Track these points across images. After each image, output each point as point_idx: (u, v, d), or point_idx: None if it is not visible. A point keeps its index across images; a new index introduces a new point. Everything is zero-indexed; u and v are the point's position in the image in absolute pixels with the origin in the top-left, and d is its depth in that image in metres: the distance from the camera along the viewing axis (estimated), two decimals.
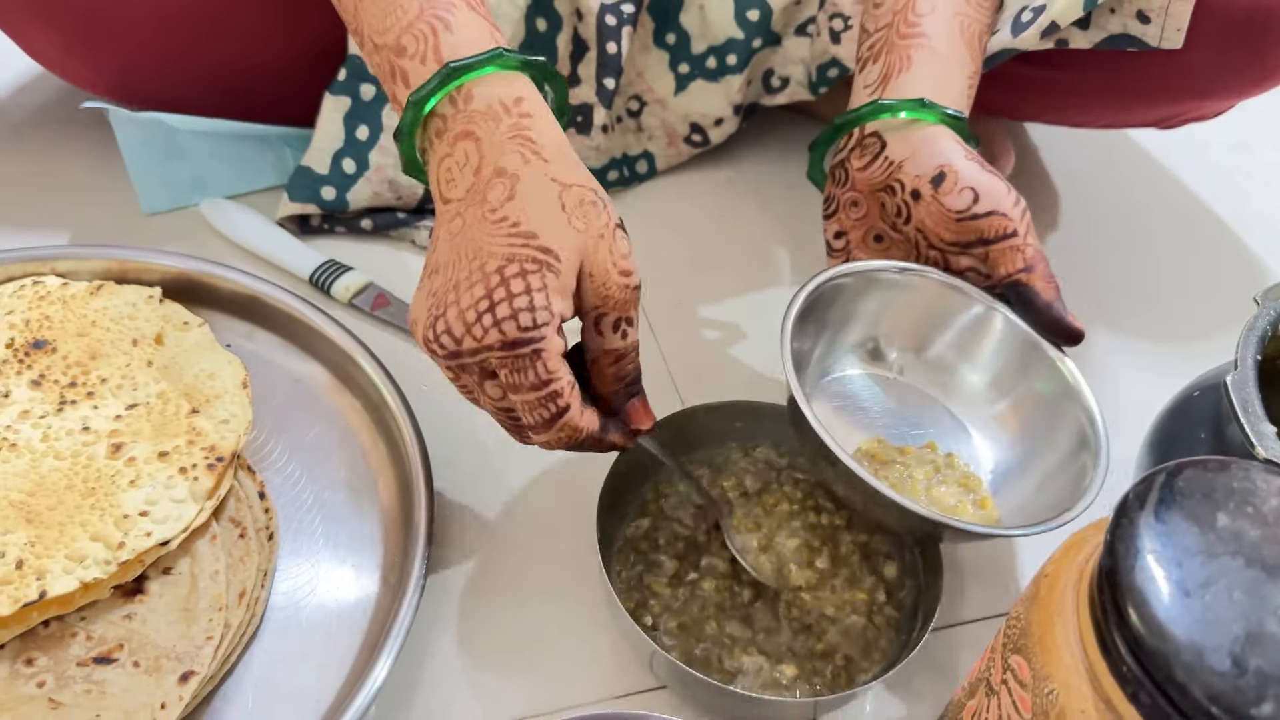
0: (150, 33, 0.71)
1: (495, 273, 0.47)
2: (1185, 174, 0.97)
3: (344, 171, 0.75)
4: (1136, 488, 0.40)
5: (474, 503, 0.64)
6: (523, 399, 0.49)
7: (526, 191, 0.48)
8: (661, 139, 0.86)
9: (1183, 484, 0.39)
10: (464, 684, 0.57)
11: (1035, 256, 0.57)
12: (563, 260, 0.48)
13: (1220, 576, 0.37)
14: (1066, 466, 0.57)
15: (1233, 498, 0.39)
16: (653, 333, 0.76)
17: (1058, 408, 0.59)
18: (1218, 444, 0.57)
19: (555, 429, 0.50)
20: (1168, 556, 0.37)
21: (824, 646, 0.57)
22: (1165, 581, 0.37)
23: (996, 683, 0.45)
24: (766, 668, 0.55)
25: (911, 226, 0.59)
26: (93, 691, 0.50)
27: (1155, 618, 0.36)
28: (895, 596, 0.59)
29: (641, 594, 0.59)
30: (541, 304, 0.47)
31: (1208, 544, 0.38)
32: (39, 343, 0.62)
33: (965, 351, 0.62)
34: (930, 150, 0.58)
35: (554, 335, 0.48)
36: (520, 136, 0.50)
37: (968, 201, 0.57)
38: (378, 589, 0.58)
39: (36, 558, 0.51)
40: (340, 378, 0.67)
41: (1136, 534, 0.38)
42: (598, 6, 0.77)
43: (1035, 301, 0.57)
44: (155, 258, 0.69)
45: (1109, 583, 0.38)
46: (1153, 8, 0.68)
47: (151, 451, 0.57)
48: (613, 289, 0.50)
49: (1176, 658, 0.35)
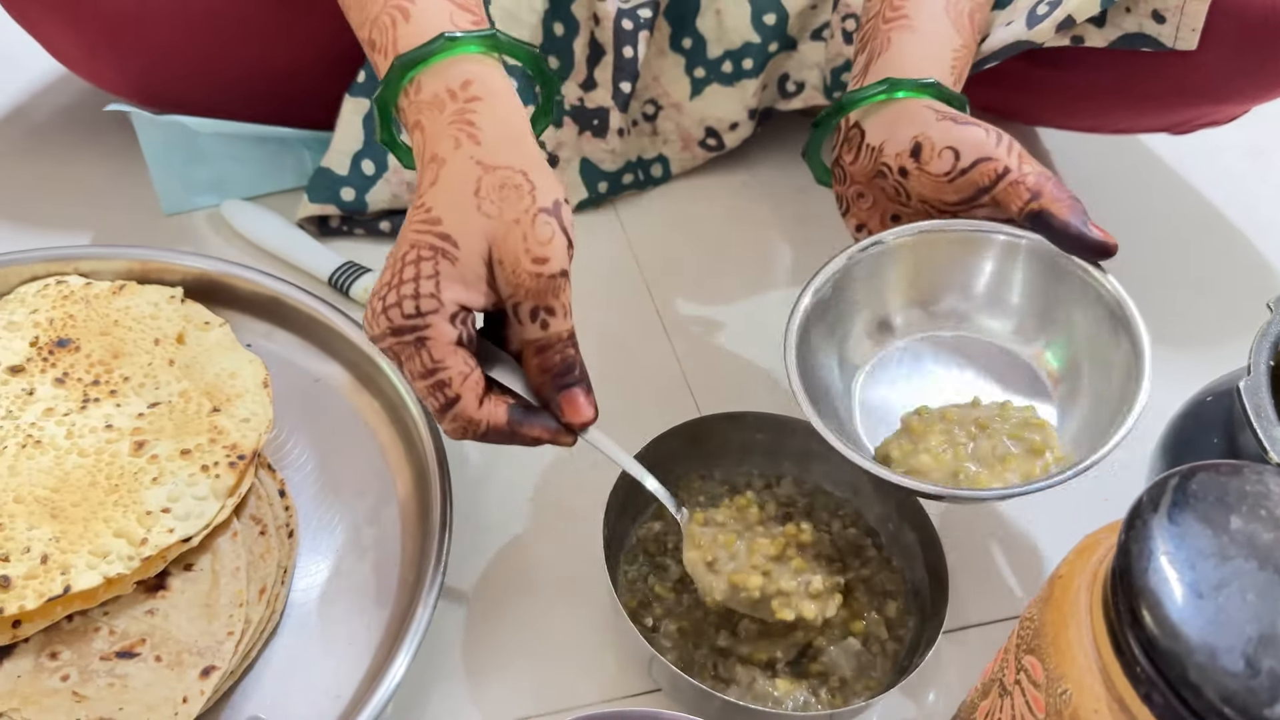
0: (173, 36, 0.72)
1: (399, 259, 0.49)
2: (1198, 180, 0.97)
3: (363, 173, 0.76)
4: (1150, 491, 0.40)
5: (489, 501, 0.65)
6: (417, 386, 0.50)
7: (447, 176, 0.49)
8: (677, 143, 0.87)
9: (1196, 487, 0.40)
10: (475, 681, 0.57)
11: (1039, 182, 0.56)
12: (461, 247, 0.48)
13: (1233, 579, 0.37)
14: (1110, 374, 0.56)
15: (1246, 501, 0.39)
16: (668, 336, 0.77)
17: (1094, 322, 0.57)
18: (1231, 449, 0.57)
19: (449, 418, 0.50)
20: (1181, 559, 0.38)
21: (819, 668, 0.56)
22: (1178, 583, 0.37)
23: (1010, 683, 0.46)
24: (760, 680, 0.55)
25: (915, 200, 0.59)
26: (115, 685, 0.51)
27: (1168, 619, 0.36)
28: (895, 631, 0.58)
29: (645, 595, 0.59)
30: (427, 291, 0.48)
31: (1221, 546, 0.38)
32: (63, 341, 0.63)
33: (999, 293, 0.60)
34: (904, 125, 0.58)
35: (442, 323, 0.48)
36: (460, 121, 0.50)
37: (950, 162, 0.56)
38: (395, 586, 0.59)
39: (61, 553, 0.52)
40: (359, 377, 0.68)
41: (1150, 536, 0.38)
42: (614, 11, 0.77)
43: (1052, 225, 0.55)
44: (177, 258, 0.69)
45: (1122, 584, 0.38)
46: (1168, 7, 0.68)
47: (174, 449, 0.58)
48: (523, 276, 0.49)
49: (1190, 659, 0.35)
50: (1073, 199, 0.56)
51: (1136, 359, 0.54)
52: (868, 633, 0.57)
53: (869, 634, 0.57)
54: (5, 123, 0.87)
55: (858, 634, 0.57)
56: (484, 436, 0.51)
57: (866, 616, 0.58)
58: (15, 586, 0.50)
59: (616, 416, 0.66)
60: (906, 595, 0.60)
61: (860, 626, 0.57)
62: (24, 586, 0.51)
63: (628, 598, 0.59)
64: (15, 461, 0.56)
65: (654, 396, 0.72)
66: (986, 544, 0.66)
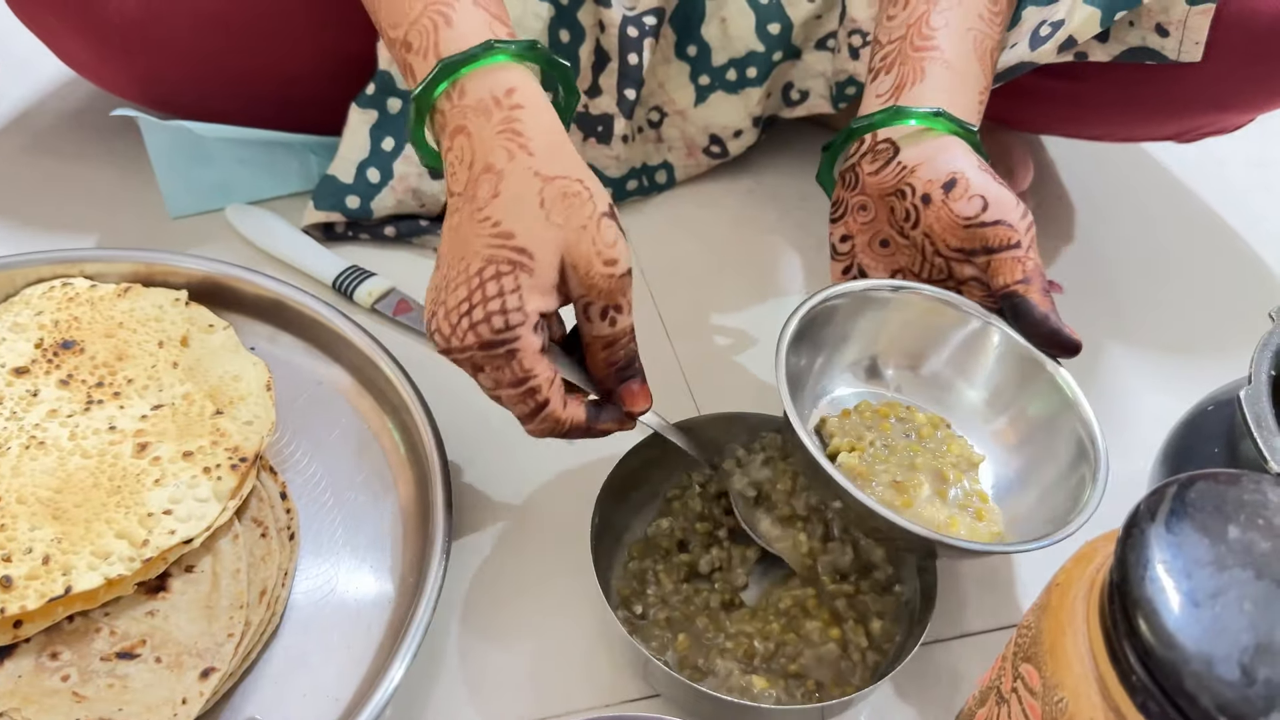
0: (181, 41, 0.72)
1: (475, 275, 0.50)
2: (1202, 190, 0.97)
3: (369, 181, 0.76)
4: (1148, 499, 0.40)
5: (491, 505, 0.65)
6: (505, 394, 0.52)
7: (509, 189, 0.50)
8: (681, 150, 0.87)
9: (1194, 496, 0.40)
10: (473, 684, 0.57)
11: (1034, 270, 0.57)
12: (537, 259, 0.50)
13: (1230, 588, 0.37)
14: (1066, 480, 0.57)
15: (1244, 510, 0.39)
16: (669, 340, 0.77)
17: (1056, 422, 0.58)
18: (1231, 458, 0.57)
19: (538, 420, 0.53)
20: (1178, 568, 0.38)
21: (796, 669, 0.56)
22: (1175, 592, 0.37)
23: (1007, 691, 0.46)
24: (736, 674, 0.55)
25: (919, 231, 0.60)
26: (115, 686, 0.51)
27: (1165, 628, 0.36)
28: (877, 643, 0.58)
29: (640, 585, 0.59)
30: (514, 305, 0.50)
31: (1218, 556, 0.38)
32: (67, 343, 0.63)
33: (962, 368, 0.61)
34: (944, 158, 0.58)
35: (529, 334, 0.50)
36: (509, 130, 0.51)
37: (977, 209, 0.57)
38: (395, 590, 0.59)
39: (63, 554, 0.52)
40: (362, 381, 0.68)
41: (1147, 545, 0.38)
42: (620, 19, 0.78)
43: (1032, 314, 0.57)
44: (181, 261, 0.70)
45: (1119, 593, 0.38)
46: (1171, 21, 0.68)
47: (176, 451, 0.58)
48: (596, 278, 0.51)
49: (1185, 667, 0.35)
50: (1053, 300, 0.58)
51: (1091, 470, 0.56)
52: (846, 639, 0.57)
53: (847, 640, 0.57)
54: (14, 126, 0.87)
55: (836, 640, 0.57)
56: (566, 434, 0.55)
57: (844, 626, 0.58)
58: (17, 587, 0.51)
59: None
60: (897, 611, 0.59)
61: (837, 633, 0.57)
62: (26, 587, 0.51)
63: (622, 585, 0.59)
64: (18, 462, 0.56)
65: (655, 399, 0.72)
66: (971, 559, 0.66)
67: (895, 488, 0.55)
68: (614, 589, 0.59)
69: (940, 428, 0.60)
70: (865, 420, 0.59)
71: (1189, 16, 0.67)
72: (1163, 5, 0.67)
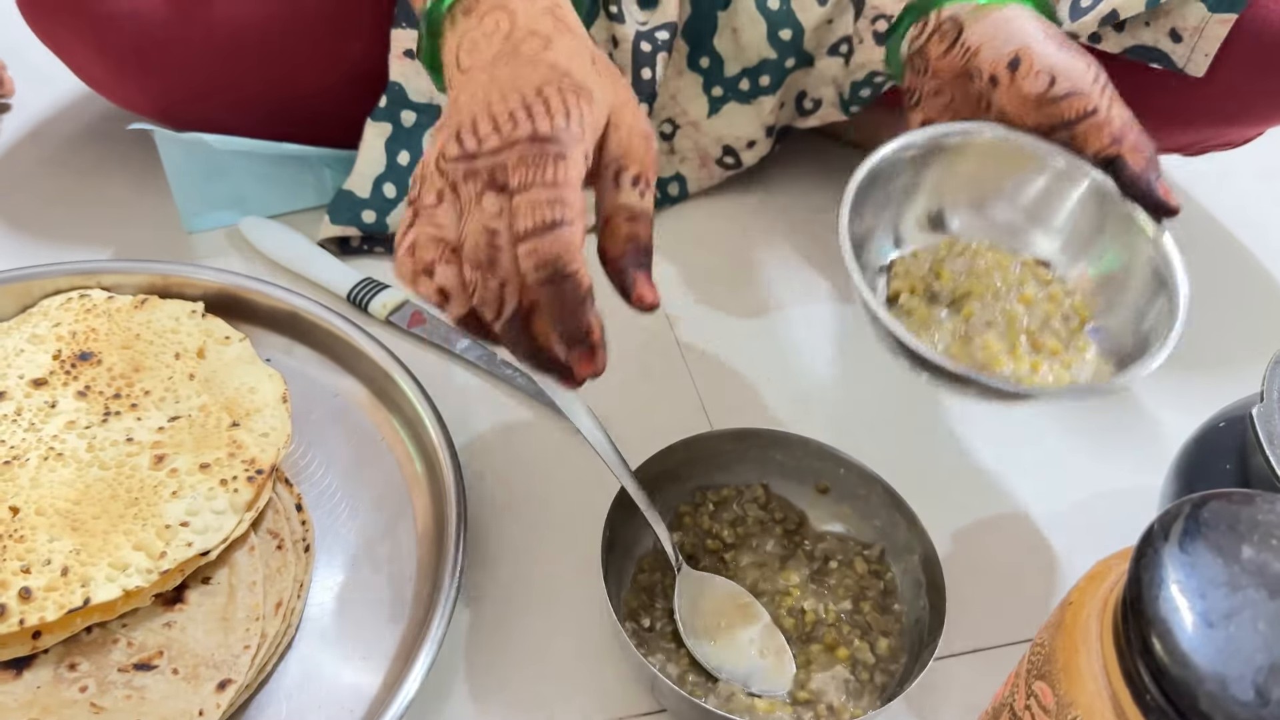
0: (197, 58, 0.73)
1: (533, 90, 0.47)
2: (1212, 203, 0.97)
3: (385, 196, 0.77)
4: (1161, 519, 0.40)
5: (503, 518, 0.66)
6: (529, 198, 0.46)
7: (560, 46, 0.49)
8: (694, 161, 0.87)
9: (1207, 515, 0.40)
10: (484, 697, 0.58)
11: (1123, 128, 0.55)
12: (596, 98, 0.48)
13: (1244, 608, 0.37)
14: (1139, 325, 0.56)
15: (1257, 530, 0.39)
16: (682, 353, 0.77)
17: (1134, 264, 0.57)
18: (1243, 475, 0.57)
19: (550, 239, 0.45)
20: (1192, 588, 0.38)
21: (807, 695, 0.56)
22: (1189, 612, 0.37)
23: (1020, 708, 0.46)
24: (739, 696, 0.55)
25: (994, 113, 0.58)
26: (133, 697, 0.52)
27: (1179, 648, 0.36)
28: (884, 664, 0.58)
29: (649, 598, 0.59)
30: (577, 118, 0.47)
31: (1232, 576, 0.38)
32: (85, 355, 0.64)
33: (1036, 213, 0.60)
34: (1007, 33, 0.56)
35: (578, 155, 0.47)
36: (553, 15, 0.50)
37: (1044, 84, 0.55)
38: (410, 602, 0.59)
39: (81, 565, 0.53)
40: (377, 393, 0.68)
41: (1161, 565, 0.39)
42: (633, 34, 0.78)
43: (1124, 173, 0.55)
44: (198, 273, 0.70)
45: (1133, 612, 0.38)
46: (1186, 27, 0.68)
47: (193, 463, 0.58)
48: (637, 141, 0.50)
49: (1200, 687, 0.35)
50: (1151, 154, 0.56)
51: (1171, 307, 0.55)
52: (855, 660, 0.57)
53: (856, 661, 0.57)
54: (32, 139, 0.88)
55: (843, 660, 0.57)
56: (557, 284, 0.46)
57: (852, 646, 0.58)
58: (36, 598, 0.51)
59: (630, 431, 0.67)
60: (904, 630, 0.59)
61: (845, 654, 0.57)
62: (44, 598, 0.51)
63: (631, 599, 0.59)
64: (37, 474, 0.57)
65: (668, 413, 0.73)
66: (999, 566, 0.66)
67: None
68: (623, 602, 0.60)
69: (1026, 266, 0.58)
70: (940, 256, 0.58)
71: (1207, 25, 0.67)
72: (1181, 10, 0.67)
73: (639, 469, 0.60)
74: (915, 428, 0.74)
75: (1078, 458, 0.74)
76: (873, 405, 0.75)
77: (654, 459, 0.61)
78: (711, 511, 0.63)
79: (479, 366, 0.73)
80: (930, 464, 0.72)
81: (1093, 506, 0.70)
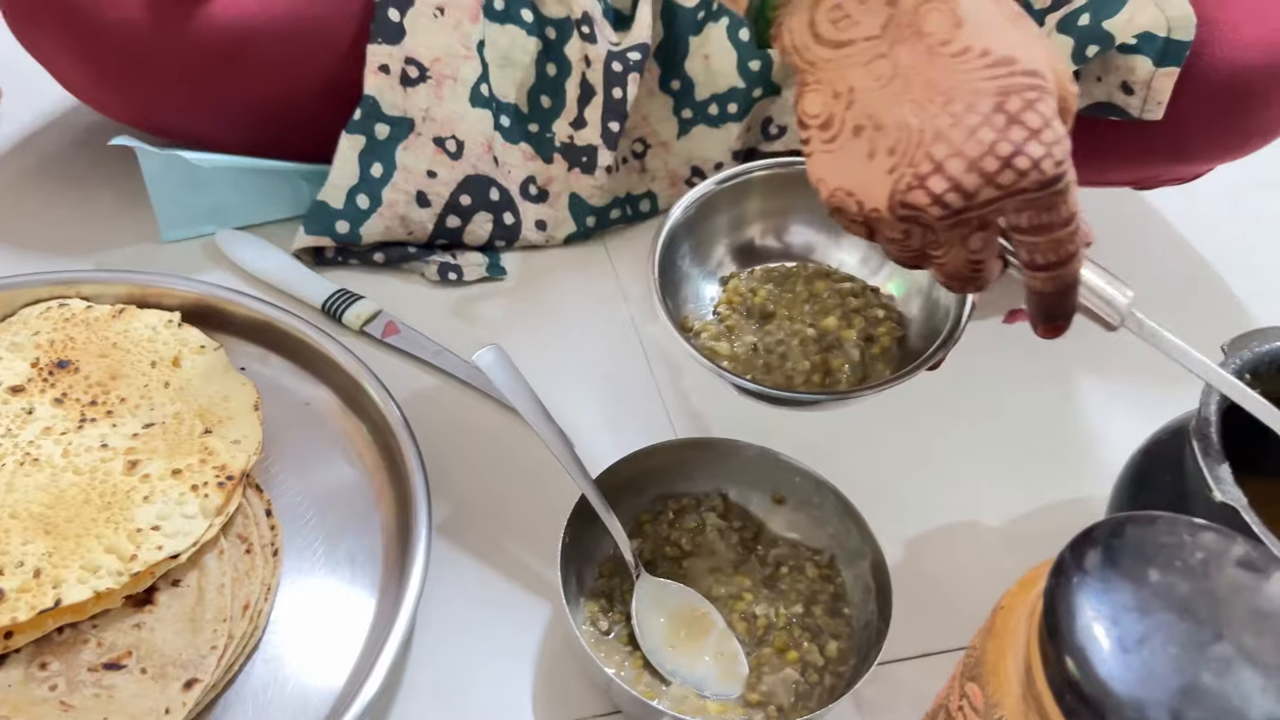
0: (178, 70, 0.75)
1: (997, 111, 0.43)
2: (1172, 216, 0.99)
3: (358, 207, 0.79)
4: (1071, 546, 0.42)
5: (468, 524, 0.67)
6: (1049, 239, 0.45)
7: (971, 15, 0.43)
8: (664, 180, 0.89)
9: (1115, 541, 0.41)
10: (447, 697, 0.59)
11: None
12: (1048, 79, 0.44)
13: (1155, 632, 0.39)
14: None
15: (1162, 553, 0.41)
16: (649, 366, 0.79)
17: None
18: (1181, 484, 0.59)
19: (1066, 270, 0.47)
20: (1105, 614, 0.39)
21: (758, 697, 0.58)
22: (1104, 639, 0.38)
23: (954, 709, 0.48)
24: (692, 699, 0.57)
25: None
26: (102, 696, 0.53)
27: (1097, 676, 0.38)
28: (833, 666, 0.60)
29: (609, 602, 0.61)
30: (1062, 133, 0.43)
31: (1142, 600, 0.40)
32: (63, 363, 0.65)
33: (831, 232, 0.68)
34: None
35: (1074, 175, 0.44)
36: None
37: None
38: (375, 604, 0.61)
39: (54, 567, 0.54)
40: (347, 401, 0.70)
41: (1073, 593, 0.40)
42: (605, 54, 0.80)
43: None
44: (175, 284, 0.72)
45: (1052, 640, 0.39)
46: (1136, 80, 0.70)
47: (165, 469, 0.60)
48: (1069, 97, 0.46)
49: (1118, 713, 0.37)
50: None
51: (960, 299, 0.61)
52: (804, 662, 0.59)
53: (806, 663, 0.59)
54: (18, 150, 0.89)
55: (793, 663, 0.59)
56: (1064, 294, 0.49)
57: (802, 649, 0.60)
58: (8, 599, 0.53)
59: (595, 440, 0.69)
60: (855, 634, 0.61)
61: (795, 656, 0.59)
62: (17, 599, 0.53)
63: (590, 604, 0.61)
64: (12, 478, 0.58)
65: (635, 424, 0.74)
66: (951, 574, 0.68)
67: None
68: (582, 605, 0.61)
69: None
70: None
71: (1154, 78, 0.70)
72: (1129, 64, 0.70)
73: (600, 477, 0.62)
74: (873, 439, 0.76)
75: (1031, 469, 0.76)
76: (833, 417, 0.77)
77: (615, 467, 0.63)
78: (671, 520, 0.65)
79: (451, 375, 0.75)
80: (886, 474, 0.73)
81: (1043, 516, 0.72)
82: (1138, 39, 0.69)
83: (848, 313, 0.65)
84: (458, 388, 0.75)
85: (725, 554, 0.64)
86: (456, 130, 0.79)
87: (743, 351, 0.63)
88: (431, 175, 0.79)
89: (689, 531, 0.65)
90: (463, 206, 0.81)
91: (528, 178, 0.84)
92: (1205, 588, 0.40)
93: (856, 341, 0.63)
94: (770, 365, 0.63)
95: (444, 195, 0.80)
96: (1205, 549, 0.41)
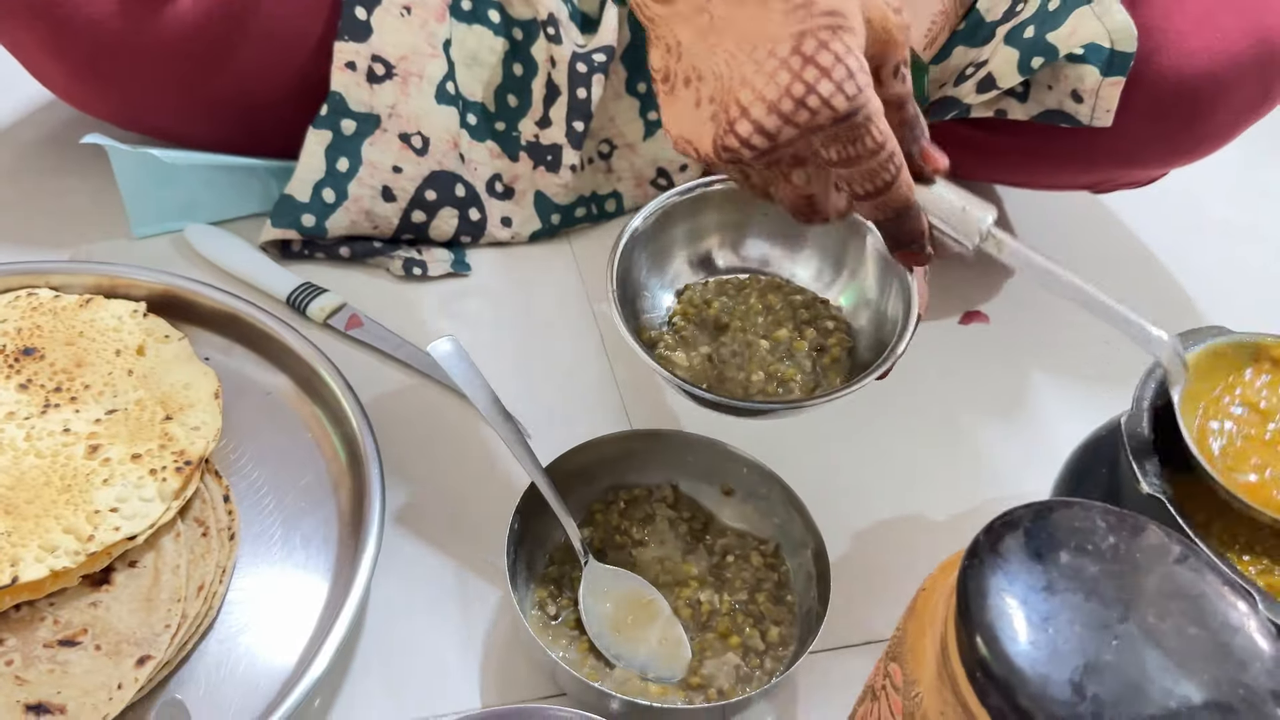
0: (149, 66, 0.76)
1: (794, 54, 0.45)
2: (1126, 216, 1.01)
3: (324, 200, 0.80)
4: (986, 531, 0.43)
5: (422, 511, 0.69)
6: (860, 169, 0.48)
7: None
8: (630, 181, 0.91)
9: (1030, 525, 0.43)
10: (395, 678, 0.61)
11: None
12: (849, 15, 0.46)
13: (1062, 611, 0.40)
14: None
15: (1075, 537, 0.42)
16: (609, 361, 0.80)
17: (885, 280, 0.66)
18: (1114, 478, 0.61)
19: (898, 186, 0.49)
20: (1015, 595, 0.41)
21: (699, 680, 0.59)
22: (1011, 618, 0.40)
23: (879, 688, 0.49)
24: (634, 682, 0.59)
25: None
26: (56, 671, 0.55)
27: (1005, 654, 0.39)
28: (775, 650, 0.61)
29: (558, 589, 0.63)
30: (856, 67, 0.45)
31: (1050, 581, 0.41)
32: (29, 350, 0.67)
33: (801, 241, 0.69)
34: None
35: (878, 103, 0.47)
36: None
37: None
38: (328, 588, 0.62)
39: (12, 546, 0.56)
40: (308, 392, 0.71)
41: (985, 574, 0.41)
42: (570, 54, 0.82)
43: None
44: (142, 275, 0.74)
45: (962, 620, 0.41)
46: (1085, 89, 0.72)
47: (125, 453, 0.61)
48: (892, 29, 0.48)
49: (1023, 689, 0.38)
50: None
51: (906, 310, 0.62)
52: (746, 647, 0.61)
53: (747, 648, 0.61)
54: None
55: (735, 648, 0.61)
56: (900, 219, 0.51)
57: (744, 634, 0.61)
58: None
59: (553, 433, 0.71)
60: (797, 620, 0.63)
61: (737, 641, 0.61)
62: None
63: (540, 589, 0.62)
64: None
65: (593, 418, 0.76)
66: (895, 565, 0.70)
67: None
68: (531, 591, 0.63)
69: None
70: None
71: (1101, 87, 0.72)
72: (1078, 73, 0.72)
73: (551, 465, 0.64)
74: (821, 435, 0.77)
75: (977, 465, 0.78)
76: None
77: (566, 456, 0.65)
78: (622, 509, 0.67)
79: (412, 368, 0.76)
80: (834, 469, 0.75)
81: (987, 510, 0.71)
82: (1085, 49, 0.71)
83: (800, 324, 0.66)
84: (419, 380, 0.76)
85: (674, 543, 0.65)
86: (422, 126, 0.81)
87: (698, 362, 0.64)
88: (397, 170, 0.81)
89: (639, 521, 0.66)
90: (428, 202, 0.83)
91: (494, 175, 0.85)
92: (1114, 570, 0.42)
93: (808, 352, 0.64)
94: (725, 375, 0.64)
95: (409, 190, 0.82)
96: (1118, 534, 0.43)
